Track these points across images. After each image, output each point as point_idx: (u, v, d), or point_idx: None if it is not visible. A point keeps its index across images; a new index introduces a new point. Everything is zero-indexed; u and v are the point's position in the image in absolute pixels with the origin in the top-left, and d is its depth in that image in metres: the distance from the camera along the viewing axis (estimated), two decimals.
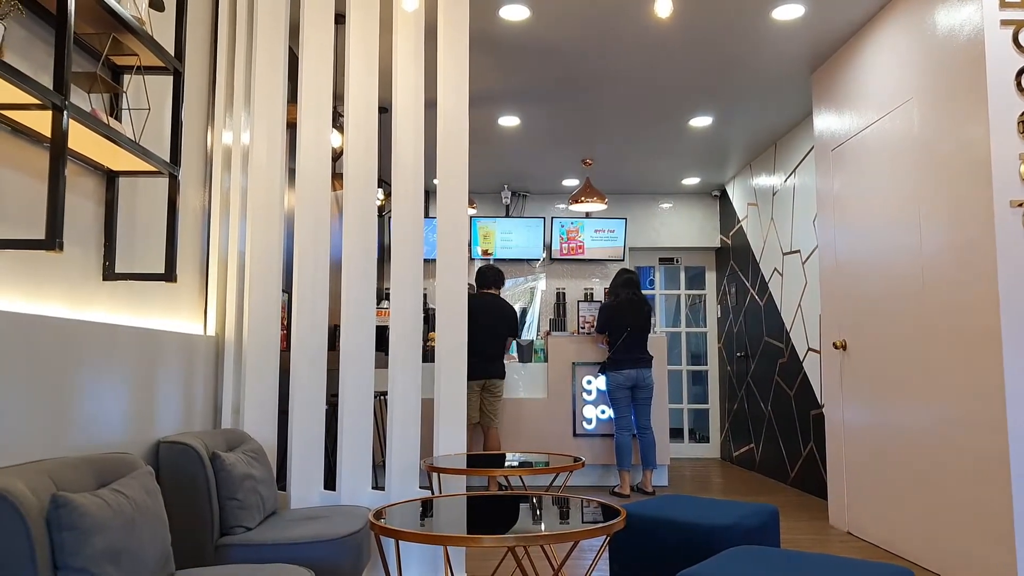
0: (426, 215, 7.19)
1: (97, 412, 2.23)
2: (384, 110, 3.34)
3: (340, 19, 3.41)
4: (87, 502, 1.71)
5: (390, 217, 3.35)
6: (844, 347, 4.48)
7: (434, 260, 3.37)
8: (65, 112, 1.80)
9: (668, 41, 4.46)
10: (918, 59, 3.73)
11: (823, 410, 5.01)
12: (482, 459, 3.48)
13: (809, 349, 5.77)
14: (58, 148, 1.79)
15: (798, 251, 6.02)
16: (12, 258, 1.96)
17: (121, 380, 2.37)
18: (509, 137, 6.31)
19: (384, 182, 6.48)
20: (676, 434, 8.20)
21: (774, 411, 6.52)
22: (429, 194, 7.64)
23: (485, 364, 5.49)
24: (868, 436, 4.21)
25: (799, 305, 5.98)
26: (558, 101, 5.52)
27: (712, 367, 8.33)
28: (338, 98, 3.48)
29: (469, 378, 5.17)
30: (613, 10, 4.09)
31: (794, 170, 6.13)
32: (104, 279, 2.39)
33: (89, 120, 1.95)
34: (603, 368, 5.82)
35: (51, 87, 1.79)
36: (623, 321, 5.70)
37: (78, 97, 2.21)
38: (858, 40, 4.35)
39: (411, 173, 3.34)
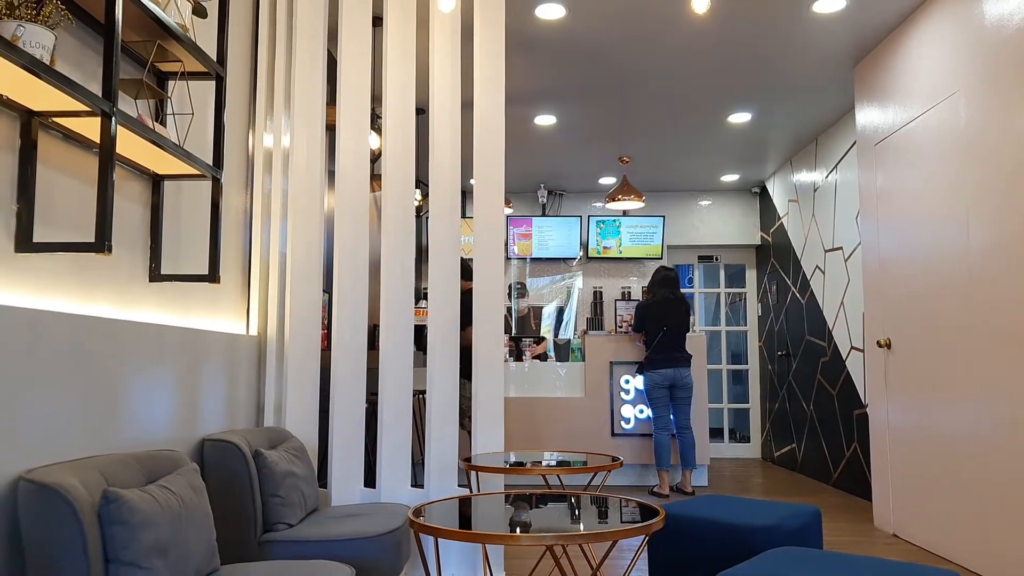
0: (463, 215, 7.22)
1: (144, 410, 2.29)
2: (421, 111, 3.36)
3: (378, 21, 3.44)
4: (136, 498, 1.76)
5: (428, 217, 3.37)
6: (888, 346, 4.39)
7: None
8: (113, 118, 1.85)
9: (705, 37, 4.41)
10: (965, 50, 3.64)
11: (867, 410, 4.92)
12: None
13: (852, 348, 5.66)
14: (106, 153, 1.84)
15: (840, 248, 5.92)
16: (64, 260, 2.02)
17: (167, 379, 2.43)
18: (545, 136, 6.30)
19: (422, 183, 6.52)
20: (716, 434, 8.12)
21: (816, 411, 6.42)
22: (466, 194, 7.68)
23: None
24: (914, 436, 4.12)
25: (842, 303, 5.87)
26: (595, 99, 5.50)
27: (753, 366, 8.22)
28: (376, 100, 3.52)
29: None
30: (649, 7, 4.06)
31: (836, 166, 6.02)
32: (150, 280, 2.45)
33: (136, 126, 2.00)
34: (641, 368, 5.78)
35: (100, 94, 1.84)
36: (660, 320, 5.65)
37: (125, 103, 2.27)
38: (902, 32, 4.26)
39: (448, 173, 3.36)
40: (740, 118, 5.89)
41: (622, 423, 5.97)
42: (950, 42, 3.76)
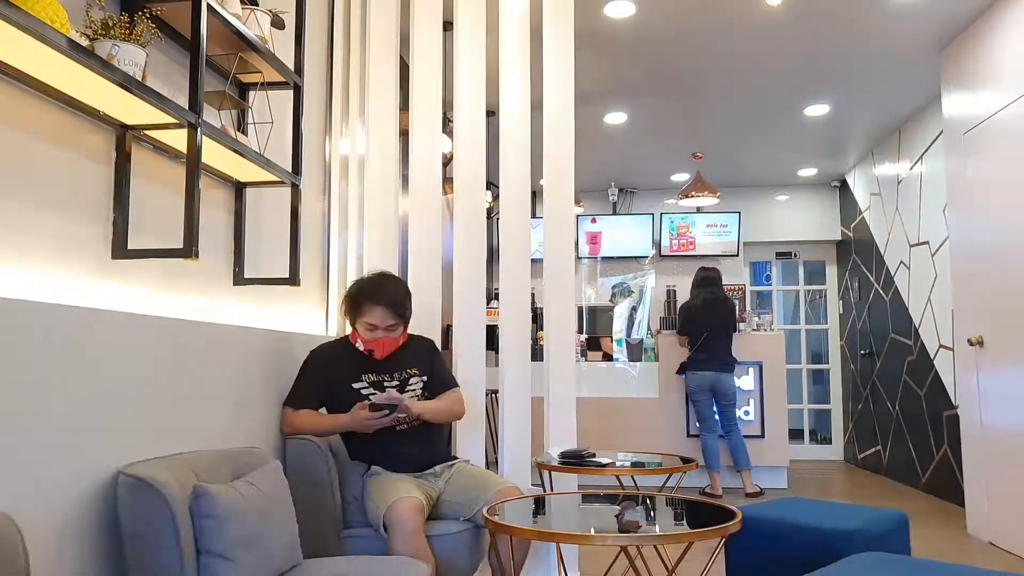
0: (533, 215, 7.24)
1: (231, 408, 2.38)
2: (492, 114, 3.39)
3: (448, 26, 3.49)
4: (224, 492, 1.84)
5: (498, 218, 3.40)
6: (981, 343, 4.18)
7: (542, 260, 3.40)
8: (199, 129, 1.94)
9: (779, 28, 4.30)
10: None
11: (958, 411, 4.70)
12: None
13: (941, 346, 5.42)
14: (193, 163, 1.93)
15: (926, 242, 5.67)
16: (155, 266, 2.13)
17: (252, 379, 2.53)
18: (616, 134, 6.26)
19: (492, 184, 6.58)
20: (796, 435, 7.88)
21: (903, 411, 6.17)
22: (536, 194, 7.69)
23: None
24: (1011, 439, 3.91)
25: (929, 300, 5.63)
26: (666, 95, 5.43)
27: (834, 366, 7.96)
28: (447, 104, 3.57)
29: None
30: (720, 1, 3.98)
31: (921, 156, 5.77)
32: (234, 284, 2.55)
33: (219, 136, 2.09)
34: (682, 369, 5.68)
35: (187, 107, 1.93)
36: (702, 321, 5.54)
37: (209, 114, 2.37)
38: (993, 13, 4.06)
39: (518, 175, 3.38)
40: (818, 110, 5.71)
41: (697, 424, 5.88)
42: None
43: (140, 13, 1.82)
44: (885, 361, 6.59)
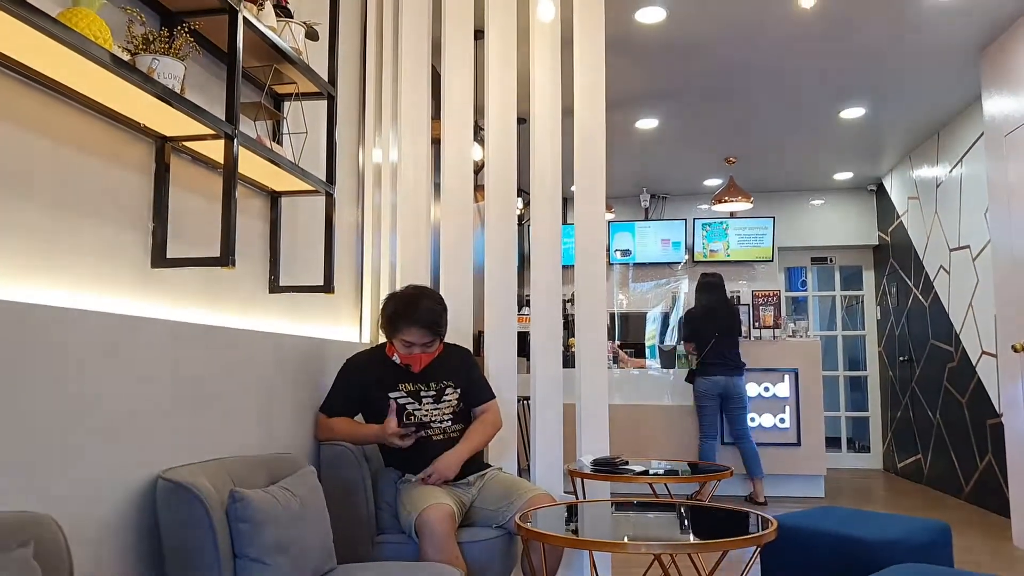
0: (564, 221, 7.24)
1: (266, 414, 2.42)
2: (523, 121, 3.40)
3: (479, 35, 3.51)
4: (260, 497, 1.86)
5: (529, 225, 3.40)
6: None
7: (573, 266, 3.39)
8: (235, 140, 1.98)
9: (812, 30, 4.25)
10: None
11: (1002, 419, 4.58)
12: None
13: (983, 352, 5.30)
14: (229, 173, 1.96)
15: (967, 247, 5.55)
16: (193, 274, 2.17)
17: (287, 385, 2.56)
18: (647, 139, 6.23)
19: (523, 191, 6.58)
20: (833, 443, 7.74)
21: (944, 419, 6.03)
22: (567, 200, 7.69)
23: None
24: None
25: (970, 305, 5.50)
26: (698, 100, 5.40)
27: (872, 372, 7.82)
28: (479, 112, 3.59)
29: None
30: (752, 3, 3.95)
31: (960, 159, 5.66)
32: (270, 292, 2.58)
33: (255, 146, 2.13)
34: (690, 375, 5.61)
35: (223, 118, 1.96)
36: (707, 328, 5.48)
37: (245, 125, 2.41)
38: None
39: (549, 181, 3.38)
40: (853, 113, 5.63)
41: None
42: None
43: (179, 27, 1.86)
44: (925, 368, 6.45)
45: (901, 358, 7.03)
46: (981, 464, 5.37)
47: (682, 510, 2.53)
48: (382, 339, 3.34)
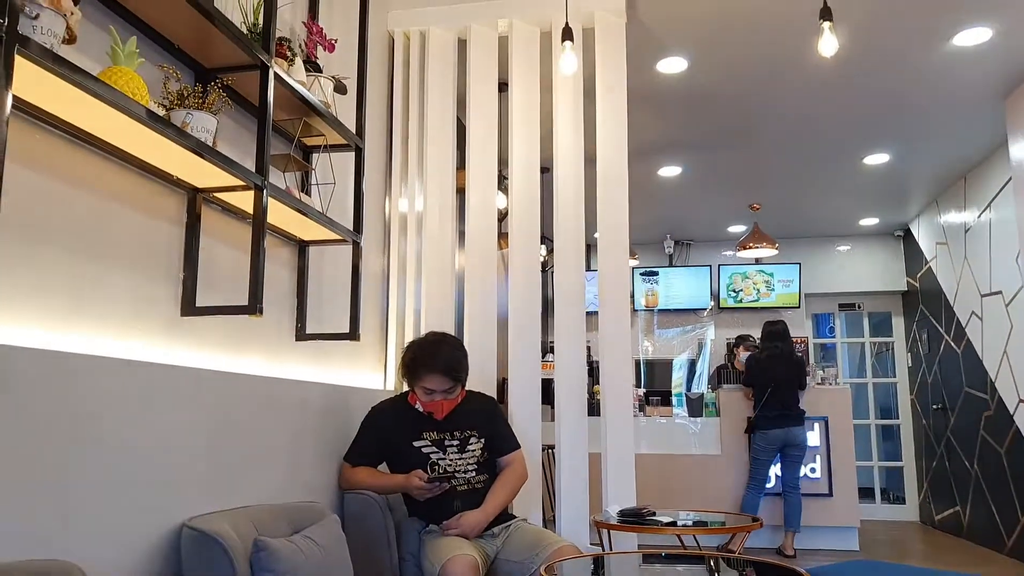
0: (588, 268, 7.26)
1: (291, 462, 2.42)
2: (546, 170, 3.45)
3: (503, 87, 3.59)
4: (283, 547, 1.85)
5: (553, 272, 3.41)
6: None
7: (596, 313, 3.39)
8: (265, 191, 2.02)
9: (834, 78, 4.28)
10: None
11: None
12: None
13: (1020, 400, 5.16)
14: (259, 223, 2.00)
15: (999, 292, 5.46)
16: (221, 322, 2.20)
17: (312, 433, 2.56)
18: (671, 186, 6.26)
19: (547, 238, 6.62)
20: (866, 494, 7.53)
21: (982, 470, 5.86)
22: (591, 247, 7.71)
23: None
24: None
25: (1005, 352, 5.39)
26: (721, 147, 5.43)
27: (905, 421, 7.64)
28: (503, 162, 3.64)
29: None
30: (774, 52, 4.00)
31: (989, 204, 5.61)
32: (296, 339, 2.61)
33: (284, 197, 2.17)
34: (749, 428, 5.50)
35: (253, 170, 2.01)
36: (765, 376, 5.39)
37: (275, 176, 2.47)
38: None
39: (572, 229, 3.40)
40: (877, 159, 5.62)
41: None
42: None
43: (213, 83, 1.93)
44: (960, 416, 6.30)
45: (935, 406, 6.87)
46: (1023, 518, 5.19)
47: (712, 562, 2.47)
48: (406, 387, 3.34)
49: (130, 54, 1.67)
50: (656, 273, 7.89)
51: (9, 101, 1.27)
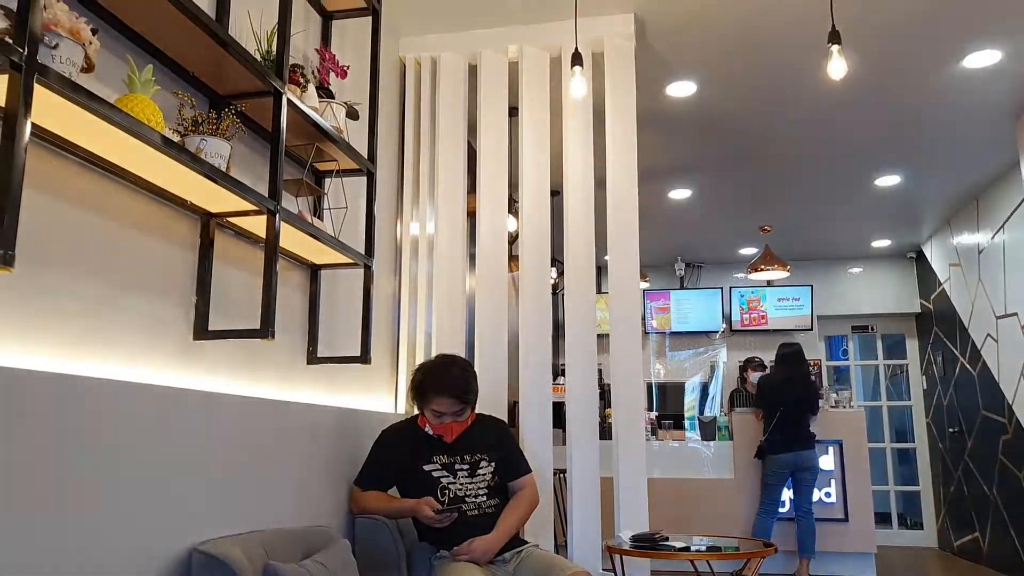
0: (599, 291, 7.25)
1: (302, 486, 2.41)
2: (556, 193, 3.46)
3: (513, 112, 3.61)
4: (294, 572, 1.84)
5: (563, 294, 3.41)
6: None
7: (607, 335, 3.38)
8: (277, 216, 2.04)
9: (844, 101, 4.29)
10: None
11: None
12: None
13: None
14: (271, 247, 2.02)
15: (1015, 314, 5.41)
16: (234, 346, 2.21)
17: (323, 456, 2.56)
18: (681, 209, 6.27)
19: (557, 261, 6.63)
20: (883, 519, 7.42)
21: (1001, 494, 5.77)
22: (601, 270, 7.70)
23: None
24: None
25: (1022, 374, 5.33)
26: (731, 170, 5.44)
27: (921, 444, 7.55)
28: (513, 186, 3.66)
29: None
30: (783, 76, 4.01)
31: (1003, 225, 5.58)
32: (308, 363, 2.61)
33: (297, 221, 2.19)
34: (759, 452, 5.42)
35: (266, 194, 2.03)
36: (777, 398, 5.32)
37: (287, 201, 2.49)
38: None
39: (583, 252, 3.41)
40: (888, 180, 5.61)
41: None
42: None
43: (227, 109, 1.95)
44: (977, 440, 6.22)
45: (951, 430, 6.79)
46: None
47: None
48: (417, 411, 3.34)
49: (146, 82, 1.70)
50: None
51: (28, 128, 1.29)
